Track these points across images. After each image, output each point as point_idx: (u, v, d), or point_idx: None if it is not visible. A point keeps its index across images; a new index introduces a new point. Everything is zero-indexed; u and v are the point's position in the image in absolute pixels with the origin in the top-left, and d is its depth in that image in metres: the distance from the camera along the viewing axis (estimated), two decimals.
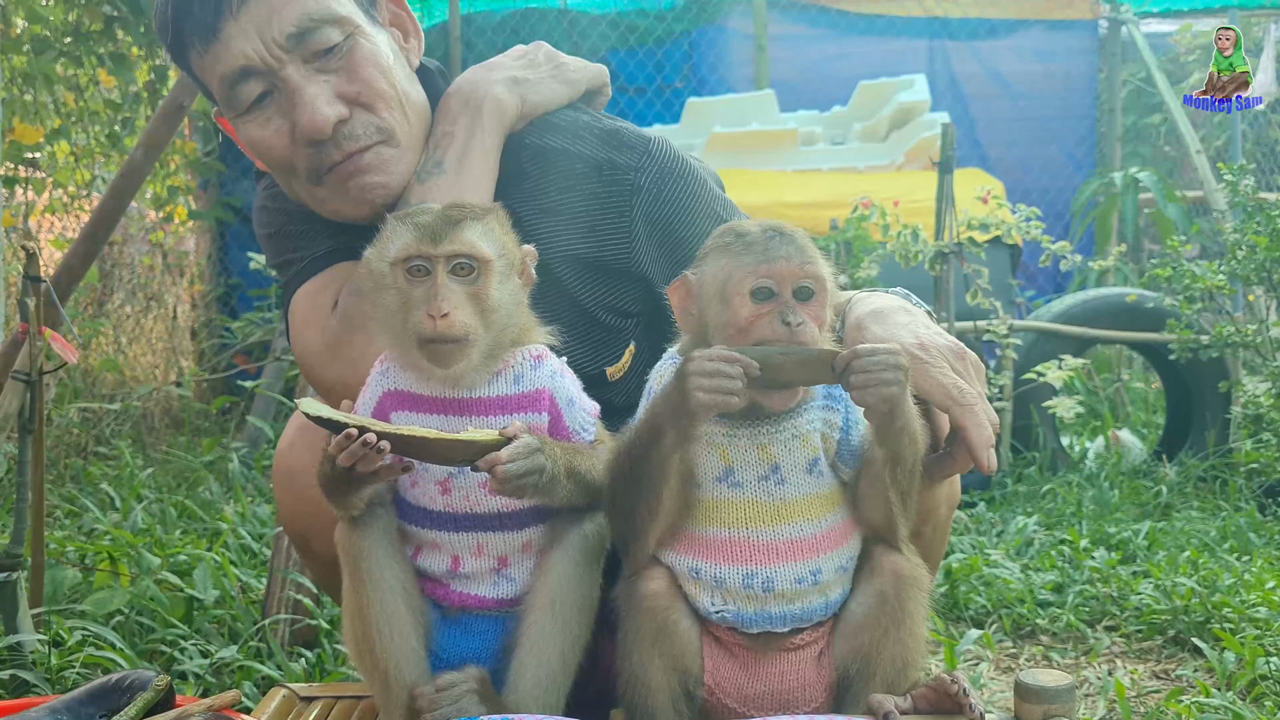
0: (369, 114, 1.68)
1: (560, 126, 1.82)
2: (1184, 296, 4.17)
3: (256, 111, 1.69)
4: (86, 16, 5.37)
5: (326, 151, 1.67)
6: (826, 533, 1.41)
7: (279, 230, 1.87)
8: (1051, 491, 4.16)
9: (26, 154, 5.21)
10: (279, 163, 1.72)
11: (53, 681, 2.26)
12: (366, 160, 1.69)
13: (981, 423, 1.47)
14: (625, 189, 1.78)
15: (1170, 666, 2.68)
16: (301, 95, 1.64)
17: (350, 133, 1.67)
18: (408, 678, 1.44)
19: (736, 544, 1.40)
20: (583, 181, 1.78)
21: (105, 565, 2.87)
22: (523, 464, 1.33)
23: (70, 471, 4.20)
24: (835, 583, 1.43)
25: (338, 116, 1.65)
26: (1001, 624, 2.95)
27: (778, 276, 1.34)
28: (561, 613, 1.45)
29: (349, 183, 1.69)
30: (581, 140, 1.81)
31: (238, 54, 1.64)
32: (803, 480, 1.40)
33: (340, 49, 1.66)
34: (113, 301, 5.76)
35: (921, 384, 1.48)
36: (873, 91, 6.54)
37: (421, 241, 1.38)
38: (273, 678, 2.34)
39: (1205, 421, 4.60)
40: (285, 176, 1.75)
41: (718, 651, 1.43)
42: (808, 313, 1.35)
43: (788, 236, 1.37)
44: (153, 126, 3.26)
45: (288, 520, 1.85)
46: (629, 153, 1.80)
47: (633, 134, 1.83)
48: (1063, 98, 7.48)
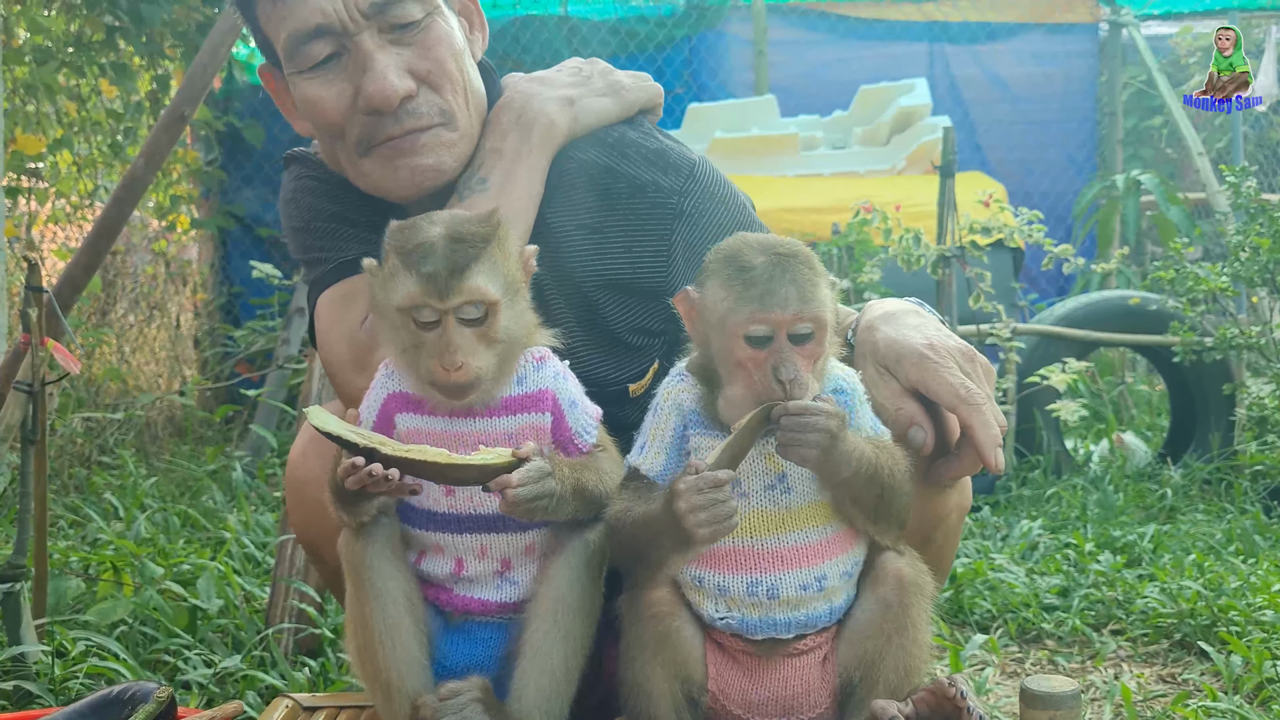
0: (435, 94, 1.67)
1: (607, 143, 1.80)
2: (1187, 299, 4.16)
3: (320, 71, 1.67)
4: (88, 27, 5.38)
5: (385, 124, 1.66)
6: (832, 538, 1.40)
7: (306, 226, 1.85)
8: (1056, 495, 4.15)
9: (29, 164, 5.21)
10: (330, 126, 1.69)
11: (56, 692, 2.26)
12: (424, 140, 1.67)
13: (989, 422, 1.46)
14: (668, 213, 1.77)
15: (1176, 670, 2.67)
16: (373, 63, 1.63)
17: (414, 109, 1.66)
18: (410, 687, 1.44)
19: (741, 553, 1.39)
20: (625, 201, 1.76)
21: (108, 575, 2.87)
22: (533, 489, 1.33)
23: (74, 481, 4.20)
24: (840, 588, 1.42)
25: (406, 91, 1.64)
26: (1007, 628, 2.94)
27: (774, 323, 1.31)
28: (564, 620, 1.45)
29: (399, 160, 1.68)
30: (628, 159, 1.79)
31: (315, 11, 1.62)
32: (809, 487, 1.39)
33: (418, 25, 1.66)
34: (116, 310, 5.76)
35: (930, 384, 1.48)
36: (873, 96, 6.54)
37: (428, 295, 1.35)
38: (276, 687, 2.34)
39: (1209, 424, 4.59)
40: (330, 141, 1.73)
41: (721, 658, 1.43)
42: (804, 353, 1.33)
43: (789, 273, 1.32)
44: (154, 136, 3.26)
45: (300, 529, 1.85)
46: (674, 175, 1.78)
47: (679, 156, 1.81)
48: (1063, 101, 7.46)
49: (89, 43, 5.39)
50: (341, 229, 1.81)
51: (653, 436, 1.44)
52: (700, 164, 1.81)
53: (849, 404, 1.41)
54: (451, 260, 1.35)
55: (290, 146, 6.74)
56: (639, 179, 1.77)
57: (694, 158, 1.82)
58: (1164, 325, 4.49)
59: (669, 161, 1.79)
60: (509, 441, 1.43)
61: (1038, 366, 4.39)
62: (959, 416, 1.47)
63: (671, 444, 1.43)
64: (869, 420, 1.43)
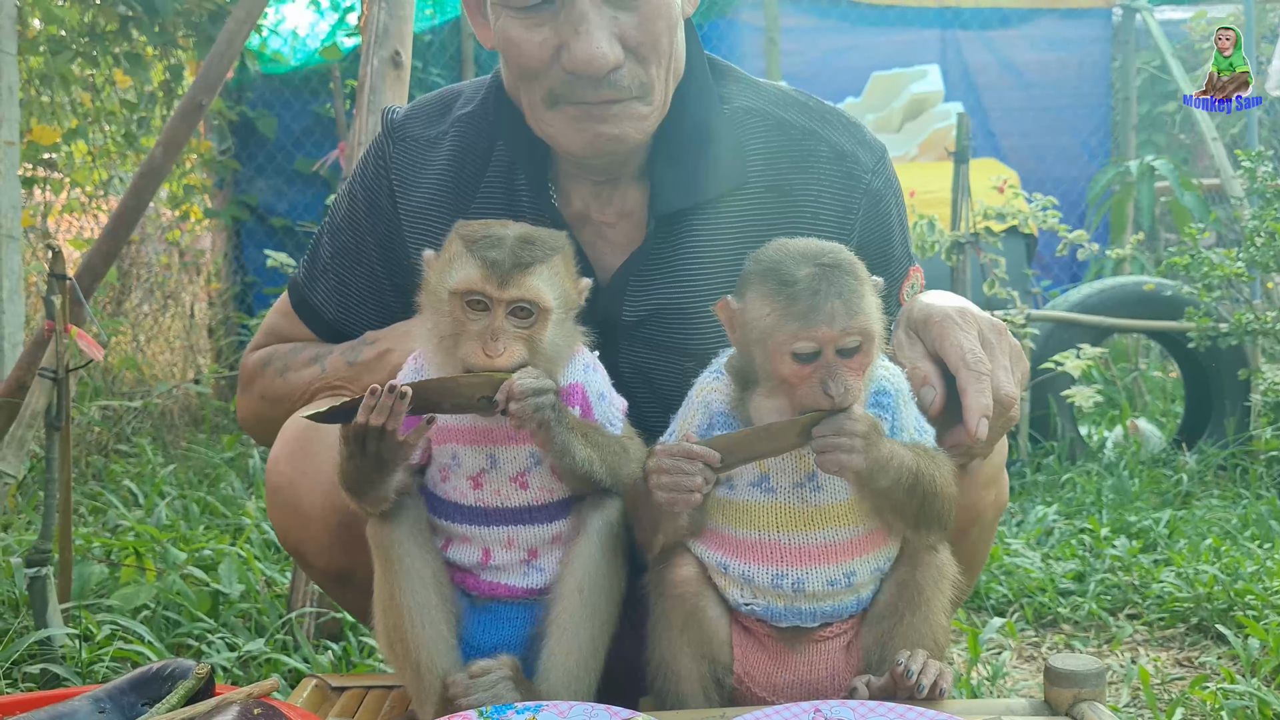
0: (639, 66, 1.58)
1: (807, 105, 1.75)
2: (1202, 284, 4.15)
3: (529, 14, 1.56)
4: (102, 17, 5.40)
5: (582, 87, 1.56)
6: (864, 537, 1.39)
7: (352, 211, 1.82)
8: (1071, 481, 4.16)
9: (44, 154, 5.24)
10: (524, 70, 1.60)
11: (83, 675, 2.28)
12: (615, 111, 1.58)
13: (984, 390, 1.41)
14: (860, 189, 1.71)
15: (1193, 654, 2.68)
16: (587, 24, 1.52)
17: (615, 80, 1.56)
18: (440, 666, 1.45)
19: (767, 545, 1.39)
20: (823, 166, 1.70)
21: (131, 561, 2.89)
22: (532, 383, 1.35)
23: (92, 469, 4.23)
24: (869, 583, 1.42)
25: (616, 61, 1.54)
26: (1023, 613, 2.95)
27: (822, 340, 1.29)
28: (590, 599, 1.46)
29: (586, 124, 1.59)
30: (830, 125, 1.73)
31: None
32: (840, 487, 1.37)
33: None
34: (131, 300, 5.79)
35: (943, 344, 1.45)
36: (886, 83, 6.53)
37: (487, 281, 1.36)
38: (300, 670, 2.36)
39: (1225, 409, 4.58)
40: (520, 82, 1.63)
41: (747, 640, 1.44)
42: (853, 365, 1.31)
43: (835, 286, 1.29)
44: (171, 126, 3.28)
45: (281, 534, 1.81)
46: (869, 152, 1.73)
47: (871, 134, 1.77)
48: (1077, 86, 7.44)
49: (103, 33, 5.41)
50: (366, 243, 1.79)
51: (680, 429, 1.44)
52: (884, 146, 1.77)
53: (891, 405, 1.39)
54: (517, 255, 1.37)
55: (301, 136, 6.68)
56: (841, 148, 1.71)
57: (878, 139, 1.78)
58: (1179, 311, 4.48)
59: (865, 137, 1.74)
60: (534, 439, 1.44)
61: (1052, 353, 4.39)
62: (958, 379, 1.44)
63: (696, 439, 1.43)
64: (912, 421, 1.40)
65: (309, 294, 1.86)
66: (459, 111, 1.78)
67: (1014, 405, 1.46)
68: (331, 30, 6.75)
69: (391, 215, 1.77)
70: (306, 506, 1.70)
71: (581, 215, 1.72)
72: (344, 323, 1.83)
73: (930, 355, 1.48)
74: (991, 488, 1.69)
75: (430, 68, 6.53)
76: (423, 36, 6.50)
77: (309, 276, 1.86)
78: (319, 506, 1.68)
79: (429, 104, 1.82)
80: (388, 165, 1.78)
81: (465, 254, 1.39)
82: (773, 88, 1.78)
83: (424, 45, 6.49)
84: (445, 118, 1.78)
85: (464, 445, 1.46)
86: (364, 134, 2.87)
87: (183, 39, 5.76)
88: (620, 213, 1.72)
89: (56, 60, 5.14)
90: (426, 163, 1.77)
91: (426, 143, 1.78)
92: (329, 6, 6.80)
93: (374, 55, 2.89)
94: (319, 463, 1.66)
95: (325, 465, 1.61)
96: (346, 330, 1.83)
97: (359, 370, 1.73)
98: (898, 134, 6.37)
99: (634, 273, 1.70)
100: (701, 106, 1.70)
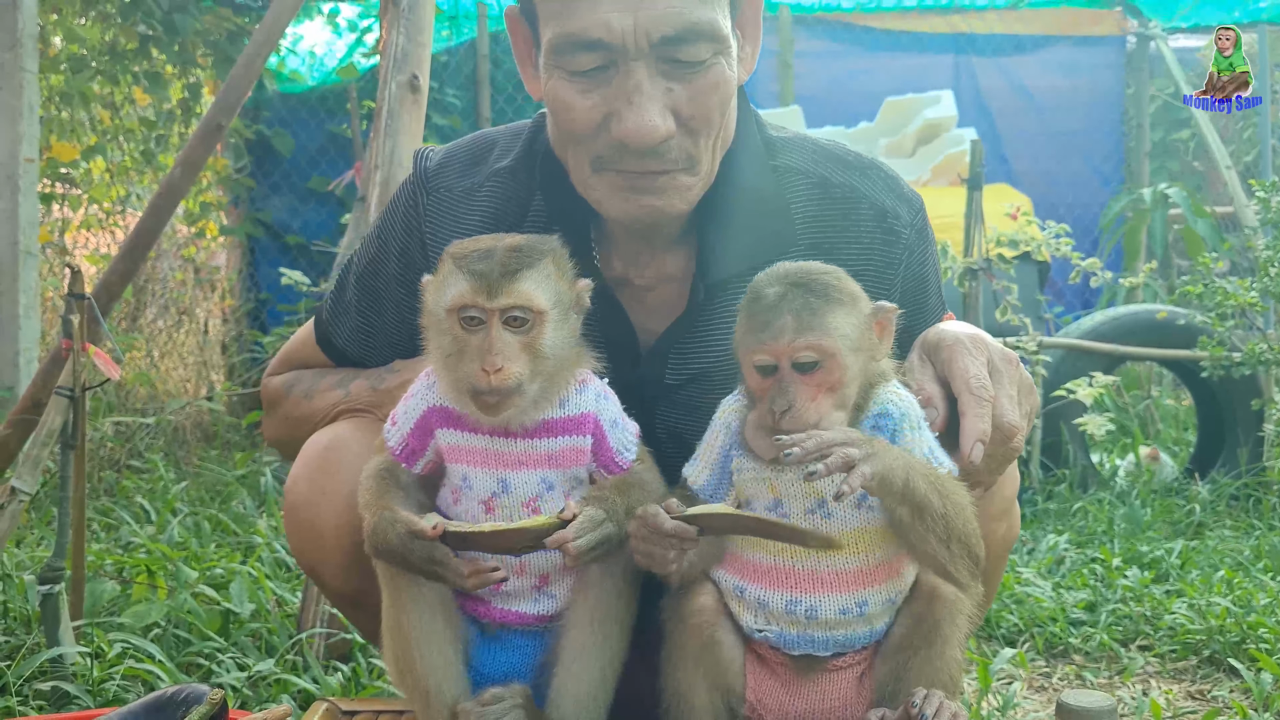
0: (689, 139, 1.55)
1: (846, 161, 1.72)
2: (1215, 313, 4.14)
3: (581, 79, 1.53)
4: (122, 36, 5.46)
5: (628, 155, 1.54)
6: (876, 566, 1.39)
7: (382, 252, 1.81)
8: (1082, 509, 4.14)
9: (63, 170, 5.29)
10: (572, 133, 1.57)
11: (94, 693, 2.28)
12: (660, 183, 1.56)
13: (983, 415, 1.40)
14: (900, 245, 1.70)
15: (1206, 687, 2.66)
16: (640, 95, 1.49)
17: (662, 152, 1.53)
18: (449, 694, 1.46)
19: (781, 570, 1.39)
20: (865, 225, 1.69)
21: (142, 578, 2.90)
22: (591, 538, 1.36)
23: (104, 485, 4.25)
24: (883, 614, 1.42)
25: (667, 133, 1.51)
26: (1034, 643, 2.94)
27: (774, 353, 1.32)
28: (602, 628, 1.47)
29: (630, 194, 1.57)
30: (870, 180, 1.71)
31: (600, 24, 1.47)
32: (851, 515, 1.38)
33: (701, 66, 1.52)
34: (145, 316, 5.82)
35: (950, 367, 1.45)
36: (899, 107, 6.54)
37: (476, 293, 1.37)
38: (309, 691, 2.36)
39: (1238, 439, 4.56)
40: (567, 140, 1.60)
41: (760, 669, 1.44)
42: (812, 381, 1.32)
43: (794, 302, 1.32)
44: (190, 147, 3.30)
45: (297, 554, 1.81)
46: (908, 206, 1.72)
47: (907, 185, 1.75)
48: (1090, 113, 7.45)
49: (123, 51, 5.47)
50: (394, 290, 1.78)
51: (704, 451, 1.46)
52: (918, 195, 1.76)
53: (890, 428, 1.38)
54: (504, 264, 1.39)
55: (317, 155, 6.71)
56: (882, 204, 1.70)
57: (914, 190, 1.76)
58: (1191, 340, 4.47)
59: (903, 191, 1.73)
60: (550, 463, 1.46)
61: (1064, 380, 4.37)
62: (960, 403, 1.42)
63: (718, 461, 1.44)
64: (923, 446, 1.38)
65: (333, 333, 1.87)
66: (496, 165, 1.76)
67: (1016, 435, 1.44)
68: (349, 50, 6.81)
69: (423, 265, 1.74)
70: (323, 527, 1.70)
71: (621, 278, 1.70)
72: (366, 362, 1.85)
73: (939, 379, 1.48)
74: (1003, 520, 1.69)
75: (446, 89, 6.57)
76: (439, 57, 6.54)
77: (334, 315, 1.87)
78: (336, 527, 1.69)
79: (463, 152, 1.80)
80: (420, 216, 1.76)
81: (455, 271, 1.41)
82: (811, 144, 1.75)
83: (440, 66, 6.53)
84: (480, 168, 1.76)
85: (475, 468, 1.47)
86: (379, 157, 2.89)
87: (202, 58, 5.83)
88: (660, 275, 1.71)
89: (77, 78, 5.20)
90: (461, 215, 1.74)
91: (462, 194, 1.75)
92: (347, 27, 6.86)
93: (392, 79, 2.91)
94: (338, 483, 1.66)
95: (344, 486, 1.62)
96: (369, 367, 1.85)
97: (381, 396, 1.74)
98: (910, 159, 6.37)
99: (678, 338, 1.68)
100: (751, 172, 1.68)
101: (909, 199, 1.73)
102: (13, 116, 4.01)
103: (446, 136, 6.07)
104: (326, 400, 1.82)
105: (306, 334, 1.93)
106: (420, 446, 1.50)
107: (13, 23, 3.99)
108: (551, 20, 1.53)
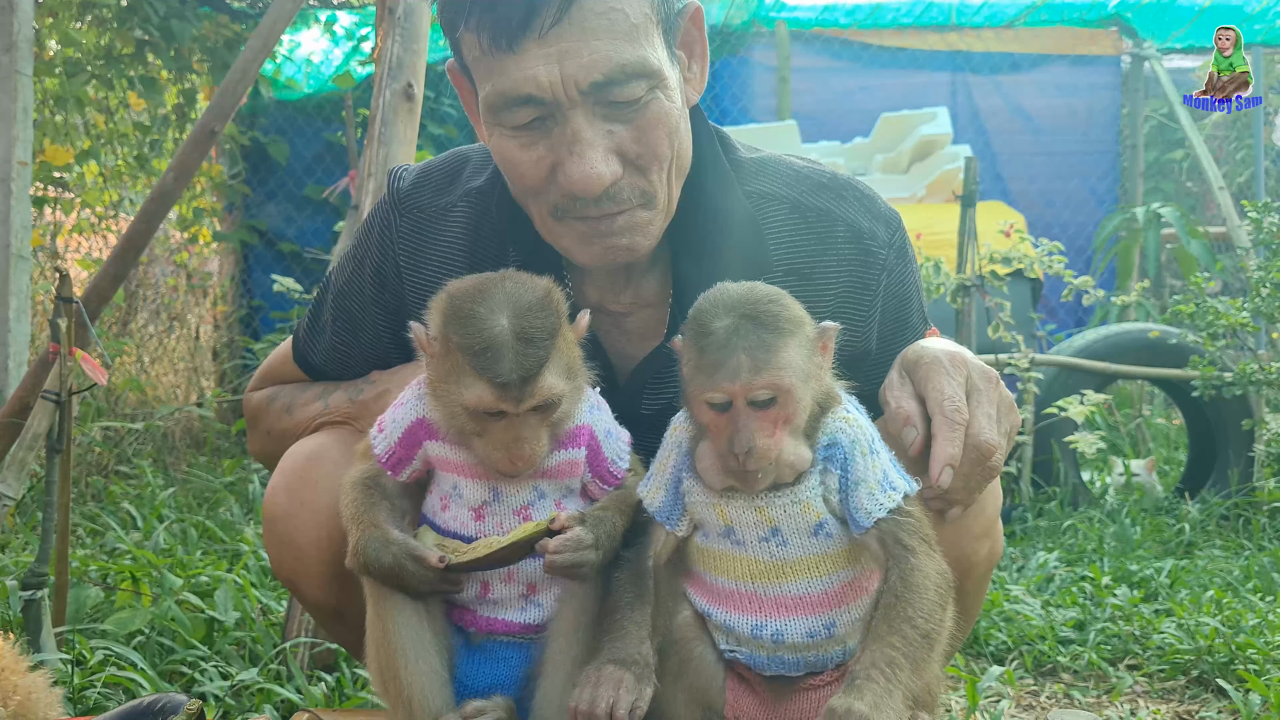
0: (640, 177, 1.53)
1: (821, 183, 1.70)
2: (1207, 333, 4.15)
3: (522, 133, 1.51)
4: (118, 41, 5.46)
5: (581, 204, 1.52)
6: (840, 588, 1.38)
7: (359, 268, 1.80)
8: (1072, 527, 4.13)
9: (56, 174, 5.28)
10: (525, 188, 1.57)
11: (75, 701, 2.26)
12: (619, 223, 1.54)
13: (954, 439, 1.37)
14: (877, 265, 1.68)
15: (1194, 708, 2.65)
16: (580, 144, 1.47)
17: (614, 194, 1.51)
18: (432, 706, 1.44)
19: (743, 595, 1.39)
20: (841, 247, 1.67)
21: (127, 585, 2.88)
22: (569, 556, 1.37)
23: (91, 490, 4.22)
24: (854, 633, 1.40)
25: (613, 178, 1.49)
26: (1023, 661, 2.92)
27: (730, 393, 1.28)
28: (586, 639, 1.45)
29: (593, 238, 1.56)
30: (845, 201, 1.69)
31: (528, 80, 1.45)
32: (806, 543, 1.36)
33: (638, 104, 1.49)
34: (136, 321, 5.81)
35: (925, 386, 1.43)
36: (895, 124, 6.56)
37: (500, 400, 1.35)
38: (293, 701, 2.34)
39: (1228, 459, 4.57)
40: (524, 196, 1.60)
41: (739, 686, 1.43)
42: (768, 418, 1.29)
43: (745, 339, 1.28)
44: (183, 152, 3.29)
45: (276, 565, 1.79)
46: (883, 225, 1.69)
47: (884, 203, 1.72)
48: (1085, 132, 7.48)
49: (118, 56, 5.47)
50: (370, 312, 1.78)
51: (657, 470, 1.44)
52: (896, 213, 1.73)
53: (841, 458, 1.35)
54: (523, 366, 1.34)
55: (313, 163, 6.74)
56: (858, 225, 1.67)
57: (891, 208, 1.73)
58: (1183, 359, 4.48)
59: (880, 210, 1.70)
60: (544, 475, 1.46)
61: (1056, 398, 4.38)
62: (933, 424, 1.40)
63: (670, 482, 1.42)
64: (877, 471, 1.35)
65: (309, 351, 1.88)
66: (469, 184, 1.74)
67: (995, 453, 1.41)
68: (345, 58, 6.80)
69: (397, 286, 1.74)
70: (302, 540, 1.69)
71: (597, 305, 1.69)
72: (344, 380, 1.85)
73: (918, 396, 1.45)
74: (985, 540, 1.67)
75: (442, 98, 6.57)
76: (435, 67, 6.54)
77: (310, 333, 1.88)
78: (316, 540, 1.68)
79: (437, 171, 1.78)
80: (394, 236, 1.75)
81: (470, 372, 1.35)
82: (785, 167, 1.73)
83: (436, 76, 6.52)
84: (454, 187, 1.75)
85: (466, 478, 1.46)
86: (373, 165, 2.89)
87: (197, 64, 5.82)
88: (636, 301, 1.70)
89: (72, 82, 5.20)
90: (436, 235, 1.73)
91: (436, 213, 1.74)
92: (343, 35, 6.86)
93: (386, 88, 2.91)
94: (317, 495, 1.66)
95: (323, 498, 1.61)
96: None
97: (359, 408, 1.74)
98: (905, 175, 6.39)
99: (656, 369, 1.67)
100: (719, 194, 1.66)
101: (886, 218, 1.70)
102: (7, 120, 3.99)
103: (442, 145, 6.07)
104: (306, 414, 1.83)
105: (285, 351, 1.94)
106: (408, 455, 1.49)
107: (8, 25, 3.98)
108: (483, 79, 1.52)
